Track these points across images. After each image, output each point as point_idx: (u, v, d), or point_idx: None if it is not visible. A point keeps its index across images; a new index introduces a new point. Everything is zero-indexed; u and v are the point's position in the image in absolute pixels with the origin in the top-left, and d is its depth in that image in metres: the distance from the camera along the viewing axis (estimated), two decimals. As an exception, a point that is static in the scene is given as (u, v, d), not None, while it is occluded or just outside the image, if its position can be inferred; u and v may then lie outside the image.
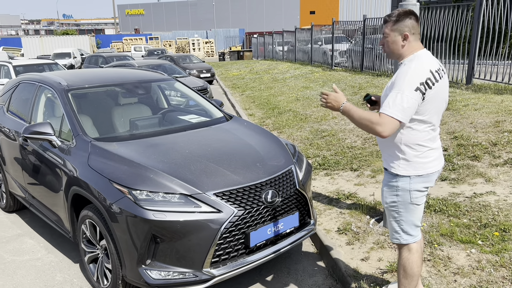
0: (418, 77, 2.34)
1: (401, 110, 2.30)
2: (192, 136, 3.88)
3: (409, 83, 2.32)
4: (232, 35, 51.16)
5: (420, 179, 2.49)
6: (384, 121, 2.31)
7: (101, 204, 3.14)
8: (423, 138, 2.45)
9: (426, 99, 2.36)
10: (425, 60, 2.42)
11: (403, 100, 2.30)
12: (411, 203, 2.53)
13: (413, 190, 2.51)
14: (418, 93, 2.32)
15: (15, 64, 11.82)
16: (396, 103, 2.31)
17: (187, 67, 18.15)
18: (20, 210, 5.30)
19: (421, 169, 2.48)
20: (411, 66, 2.38)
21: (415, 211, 2.56)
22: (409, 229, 2.59)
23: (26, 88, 4.84)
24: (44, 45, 40.65)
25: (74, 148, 3.67)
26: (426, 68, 2.38)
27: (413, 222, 2.59)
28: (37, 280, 3.75)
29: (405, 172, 2.49)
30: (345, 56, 16.95)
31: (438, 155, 2.55)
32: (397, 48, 2.49)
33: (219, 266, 3.04)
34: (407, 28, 2.44)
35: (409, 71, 2.35)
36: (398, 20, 2.46)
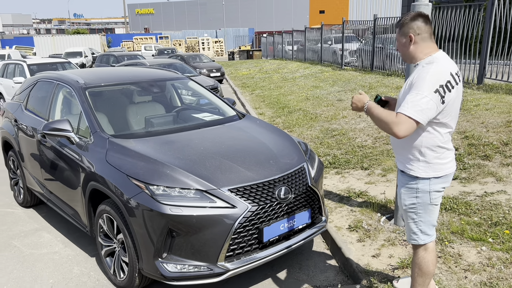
0: (438, 79, 2.34)
1: (419, 111, 2.30)
2: (206, 133, 3.97)
3: (429, 85, 2.32)
4: (242, 34, 51.26)
5: (439, 180, 2.52)
6: (401, 120, 2.32)
7: (119, 199, 3.24)
8: (443, 140, 2.47)
9: (446, 102, 2.35)
10: (445, 62, 2.44)
11: (422, 101, 2.30)
12: (431, 203, 2.56)
13: (433, 191, 2.53)
14: (437, 95, 2.32)
15: (29, 63, 12.00)
16: (415, 104, 2.31)
17: (197, 66, 18.25)
18: (37, 205, 5.43)
19: (440, 170, 2.51)
20: (431, 68, 2.38)
21: (433, 211, 2.60)
22: (427, 230, 2.62)
23: (44, 86, 4.95)
24: (56, 44, 41.07)
25: (92, 144, 3.76)
26: (446, 71, 2.38)
27: (431, 222, 2.62)
28: (56, 273, 3.86)
29: (425, 174, 2.50)
30: (355, 56, 16.95)
31: (453, 156, 2.59)
32: (406, 50, 2.53)
33: (233, 260, 3.12)
34: (411, 30, 2.47)
35: (429, 73, 2.35)
36: (403, 24, 2.51)
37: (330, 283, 3.56)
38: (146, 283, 3.42)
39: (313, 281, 3.59)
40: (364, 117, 8.60)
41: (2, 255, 4.22)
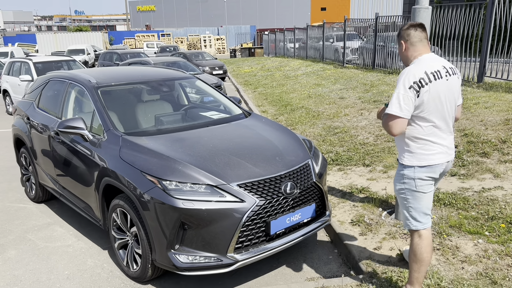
0: (412, 77, 2.67)
1: (398, 107, 2.67)
2: (215, 131, 4.13)
3: (404, 83, 2.68)
4: (243, 31, 51.35)
5: (423, 169, 2.79)
6: (389, 119, 2.72)
7: (133, 194, 3.40)
8: (423, 133, 2.76)
9: (421, 96, 2.67)
10: (424, 62, 2.75)
11: (399, 99, 2.67)
12: (416, 190, 2.82)
13: (417, 179, 2.80)
14: (412, 90, 2.66)
15: (35, 61, 12.16)
16: (394, 102, 2.69)
17: (200, 64, 18.40)
18: (48, 201, 5.60)
19: (424, 160, 2.78)
20: (407, 69, 2.75)
21: (422, 198, 2.83)
22: (418, 216, 2.86)
23: (56, 85, 5.11)
24: (58, 41, 41.25)
25: (105, 141, 3.93)
26: (421, 70, 2.70)
27: (421, 210, 2.85)
28: (70, 265, 4.03)
29: (409, 163, 2.82)
30: (357, 54, 17.08)
31: (443, 150, 2.81)
32: (401, 55, 2.92)
33: (242, 251, 3.29)
34: (403, 38, 2.86)
35: (403, 74, 2.72)
36: (399, 33, 2.93)
37: (334, 274, 3.72)
38: (158, 274, 3.59)
39: (317, 273, 3.76)
40: (365, 115, 8.75)
41: (18, 248, 4.40)
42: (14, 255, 4.26)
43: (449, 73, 2.78)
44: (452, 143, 2.89)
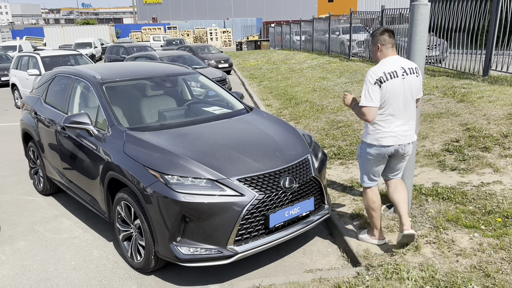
0: (374, 76, 3.39)
1: (370, 99, 3.37)
2: (216, 126, 4.22)
3: (370, 80, 3.40)
4: (250, 24, 51.21)
5: (373, 148, 3.58)
6: (364, 111, 3.41)
7: (136, 187, 3.50)
8: (378, 119, 3.47)
9: (382, 91, 3.38)
10: (385, 64, 3.45)
11: (369, 93, 3.38)
12: (367, 160, 3.68)
13: (368, 153, 3.63)
14: (376, 85, 3.38)
15: (42, 55, 12.29)
16: (366, 96, 3.40)
17: (205, 58, 18.45)
18: (56, 193, 5.73)
19: (376, 140, 3.54)
20: (370, 70, 3.44)
21: (370, 167, 3.69)
22: (365, 177, 3.76)
23: (62, 81, 5.22)
24: (66, 35, 41.45)
25: (109, 136, 4.03)
26: (380, 70, 3.41)
27: (368, 174, 3.74)
28: (77, 255, 4.16)
29: (365, 139, 3.63)
30: (363, 46, 17.02)
31: (393, 135, 3.50)
32: (374, 55, 3.58)
33: (241, 244, 3.38)
34: (379, 41, 3.50)
35: (369, 74, 3.42)
36: (374, 36, 3.54)
37: (332, 266, 3.81)
38: (161, 265, 3.71)
39: (315, 265, 3.85)
40: (369, 108, 8.77)
41: (27, 239, 4.53)
42: (23, 246, 4.40)
43: (407, 72, 3.44)
44: (408, 130, 3.53)
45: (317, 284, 3.39)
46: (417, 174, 5.15)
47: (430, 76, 10.64)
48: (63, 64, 12.33)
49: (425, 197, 4.47)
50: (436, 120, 7.01)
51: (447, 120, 6.90)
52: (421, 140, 6.31)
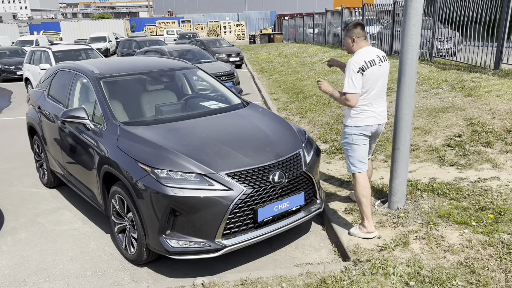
0: (357, 64, 3.67)
1: (353, 86, 3.67)
2: (210, 121, 4.26)
3: (353, 69, 3.67)
4: (263, 17, 50.97)
5: (358, 128, 3.84)
6: (348, 97, 3.71)
7: (128, 181, 3.57)
8: (360, 103, 3.77)
9: (364, 78, 3.68)
10: (363, 54, 3.74)
11: (352, 80, 3.66)
12: (353, 143, 3.87)
13: (353, 135, 3.85)
14: (359, 73, 3.67)
15: (54, 50, 12.50)
16: (349, 83, 3.68)
17: (216, 51, 18.50)
18: (59, 186, 5.87)
19: (359, 121, 3.82)
20: (351, 60, 3.72)
21: (357, 150, 3.88)
22: (355, 162, 3.90)
23: (64, 76, 5.32)
24: (82, 29, 41.94)
25: (105, 131, 4.11)
26: (361, 59, 3.70)
27: (357, 158, 3.89)
28: (75, 247, 4.26)
29: (349, 123, 3.87)
30: (376, 39, 16.82)
31: (374, 115, 3.83)
32: (349, 47, 3.85)
33: (230, 237, 3.43)
34: (354, 34, 3.80)
35: (351, 63, 3.69)
36: (349, 29, 3.83)
37: (322, 261, 3.83)
38: (153, 257, 3.78)
39: (306, 259, 3.88)
40: (375, 103, 8.71)
41: (28, 230, 4.66)
42: (24, 237, 4.53)
43: (382, 60, 3.80)
44: (383, 111, 3.90)
45: (303, 278, 3.42)
46: (416, 169, 5.12)
47: (440, 70, 10.48)
48: (74, 59, 12.51)
49: (420, 193, 4.44)
50: (440, 115, 6.93)
51: (452, 115, 6.81)
52: (424, 135, 6.25)
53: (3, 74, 18.14)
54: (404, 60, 3.88)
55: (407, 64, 3.86)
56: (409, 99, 3.92)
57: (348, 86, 3.68)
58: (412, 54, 3.84)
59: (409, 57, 3.84)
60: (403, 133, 4.02)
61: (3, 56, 19.35)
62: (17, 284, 3.67)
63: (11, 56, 19.62)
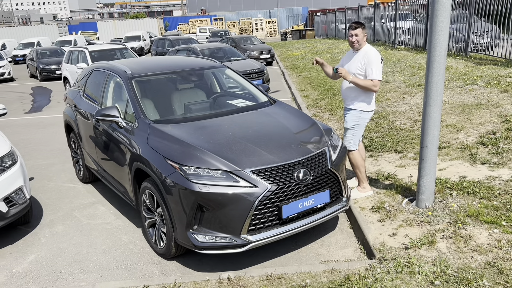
0: (379, 56, 4.41)
1: (380, 74, 4.36)
2: (236, 119, 4.33)
3: (377, 60, 4.37)
4: (295, 13, 50.71)
5: (370, 113, 4.63)
6: (376, 83, 4.40)
7: (157, 177, 3.70)
8: None
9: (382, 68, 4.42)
10: (373, 49, 4.50)
11: (379, 69, 4.35)
12: (363, 124, 4.65)
13: (365, 118, 4.61)
14: (381, 63, 4.41)
15: (90, 49, 12.94)
16: (377, 72, 4.35)
17: (247, 49, 18.59)
18: (94, 182, 6.11)
19: (371, 106, 4.58)
20: (374, 52, 4.43)
21: (361, 130, 4.67)
22: (356, 141, 4.67)
23: (98, 75, 5.53)
24: (117, 28, 43.04)
25: (136, 129, 4.26)
26: (378, 52, 4.46)
27: (358, 137, 4.68)
28: (108, 240, 4.45)
29: (363, 109, 4.56)
30: (409, 34, 16.44)
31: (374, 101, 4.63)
32: (361, 41, 4.47)
33: (254, 233, 3.50)
34: (366, 31, 4.55)
35: (373, 54, 4.39)
36: (364, 26, 4.47)
37: (348, 258, 3.84)
38: (182, 251, 3.90)
39: (331, 256, 3.90)
40: (407, 99, 8.57)
41: (65, 223, 4.90)
42: (61, 230, 4.76)
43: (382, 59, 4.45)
44: None
45: (328, 275, 3.45)
46: (446, 167, 5.02)
47: (476, 65, 10.17)
48: (109, 58, 12.91)
49: (450, 191, 4.36)
50: (474, 112, 6.74)
51: (486, 112, 6.62)
52: (456, 132, 6.11)
53: (43, 74, 18.91)
54: (432, 57, 3.82)
55: (435, 61, 3.80)
56: (437, 96, 3.86)
57: (378, 73, 4.35)
58: (440, 51, 3.77)
59: (437, 53, 3.78)
60: (431, 131, 3.96)
61: (43, 56, 20.16)
62: (54, 275, 3.88)
63: (51, 56, 20.41)
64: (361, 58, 4.41)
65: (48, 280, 3.80)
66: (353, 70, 4.47)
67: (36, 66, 19.33)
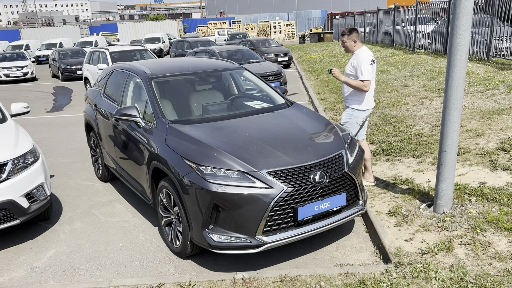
0: (368, 59, 4.76)
1: (368, 75, 4.74)
2: (253, 120, 4.35)
3: (366, 62, 4.74)
4: (314, 16, 50.58)
5: (365, 111, 4.97)
6: (366, 83, 4.77)
7: (175, 177, 3.74)
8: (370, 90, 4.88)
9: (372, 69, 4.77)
10: (366, 52, 4.84)
11: (367, 70, 4.73)
12: (356, 123, 4.99)
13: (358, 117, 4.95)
14: (370, 65, 4.74)
15: (111, 50, 13.14)
16: (365, 73, 4.72)
17: (265, 51, 18.63)
18: (112, 180, 6.20)
19: (366, 105, 4.93)
20: (362, 55, 4.78)
21: (355, 129, 4.99)
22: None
23: (118, 75, 5.62)
24: (137, 30, 43.60)
25: (155, 129, 4.31)
26: (369, 55, 4.81)
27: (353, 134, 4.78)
28: (124, 238, 4.51)
29: (356, 107, 4.95)
30: (429, 38, 16.25)
31: (371, 100, 4.97)
32: (351, 46, 4.89)
33: (270, 234, 3.50)
34: (356, 38, 4.87)
35: (362, 57, 4.76)
36: (351, 32, 4.85)
37: (363, 262, 3.82)
38: (197, 251, 3.93)
39: (347, 260, 3.88)
40: (426, 104, 8.48)
41: (83, 221, 4.98)
42: (79, 226, 4.85)
43: (373, 61, 4.82)
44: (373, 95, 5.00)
45: (343, 278, 3.43)
46: (465, 173, 4.95)
47: (498, 70, 10.00)
48: (129, 59, 13.09)
49: (468, 197, 4.29)
50: (495, 117, 6.63)
51: (507, 117, 6.50)
52: (476, 137, 6.01)
53: (65, 74, 19.28)
54: (452, 60, 3.78)
55: (456, 65, 3.75)
56: (457, 100, 3.82)
57: (366, 74, 4.72)
58: (461, 55, 3.73)
59: (457, 57, 3.74)
60: (450, 135, 3.91)
61: (65, 57, 20.56)
62: (72, 270, 3.95)
63: (73, 56, 20.80)
64: (353, 60, 4.88)
65: (66, 276, 3.87)
66: (347, 71, 4.97)
67: (58, 66, 19.73)
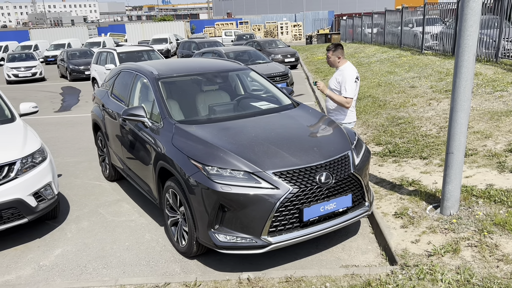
0: (353, 76, 4.85)
1: (352, 92, 4.85)
2: (259, 121, 4.36)
3: (351, 79, 4.83)
4: (321, 17, 50.48)
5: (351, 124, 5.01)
6: (348, 100, 4.87)
7: (181, 177, 3.76)
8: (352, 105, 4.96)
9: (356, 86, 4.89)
10: (351, 68, 4.93)
11: (352, 88, 4.83)
12: None
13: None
14: (355, 82, 4.85)
15: (119, 51, 13.21)
16: (349, 90, 4.82)
17: (272, 52, 18.64)
18: (119, 180, 6.24)
19: (352, 118, 5.04)
20: (348, 72, 4.86)
21: None
22: None
23: (126, 76, 5.65)
24: (145, 30, 43.76)
25: (161, 129, 4.33)
26: (354, 72, 4.90)
27: None
28: (131, 237, 4.54)
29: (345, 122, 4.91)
30: (437, 39, 16.16)
31: (354, 114, 5.09)
32: (336, 62, 4.96)
33: (275, 235, 3.51)
34: (340, 54, 4.93)
35: (348, 74, 4.84)
36: (336, 49, 4.91)
37: (369, 264, 3.81)
38: (203, 250, 3.94)
39: (352, 261, 3.87)
40: (433, 105, 8.43)
41: (90, 220, 5.02)
42: (86, 225, 4.88)
43: (357, 78, 4.94)
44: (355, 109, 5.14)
45: (348, 279, 3.43)
46: (472, 175, 4.92)
47: (507, 71, 9.92)
48: (137, 59, 13.15)
49: (476, 199, 4.27)
50: (503, 119, 6.58)
51: (516, 119, 6.45)
52: (483, 139, 5.97)
53: (73, 74, 19.41)
54: (460, 62, 3.76)
55: (463, 66, 3.74)
56: (465, 102, 3.80)
57: (350, 92, 4.84)
58: (469, 56, 3.71)
59: (465, 58, 3.72)
60: (458, 137, 3.89)
61: (73, 57, 20.71)
62: (78, 269, 3.98)
63: (81, 57, 20.94)
64: (338, 76, 4.95)
65: (73, 274, 3.90)
66: (331, 85, 5.03)
67: (66, 67, 19.87)
